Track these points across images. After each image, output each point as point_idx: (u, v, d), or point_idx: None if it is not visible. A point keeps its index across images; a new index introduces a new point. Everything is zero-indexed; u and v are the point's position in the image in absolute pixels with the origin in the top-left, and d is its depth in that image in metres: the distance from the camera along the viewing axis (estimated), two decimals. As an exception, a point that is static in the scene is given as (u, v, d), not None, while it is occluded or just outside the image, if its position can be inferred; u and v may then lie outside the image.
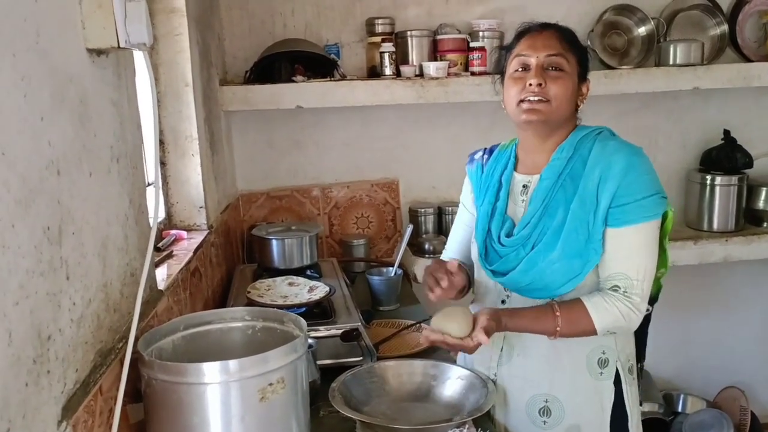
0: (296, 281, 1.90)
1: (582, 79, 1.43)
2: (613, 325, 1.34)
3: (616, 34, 2.72)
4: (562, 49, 1.38)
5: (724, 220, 2.79)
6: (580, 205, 1.36)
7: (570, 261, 1.36)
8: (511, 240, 1.43)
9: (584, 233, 1.35)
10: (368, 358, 1.64)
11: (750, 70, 2.61)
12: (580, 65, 1.42)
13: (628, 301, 1.33)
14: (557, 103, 1.36)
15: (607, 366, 1.43)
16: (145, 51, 1.10)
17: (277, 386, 1.05)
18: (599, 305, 1.33)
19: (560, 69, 1.37)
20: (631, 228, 1.33)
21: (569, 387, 1.43)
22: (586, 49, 1.47)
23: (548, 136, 1.43)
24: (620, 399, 1.44)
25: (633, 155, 1.36)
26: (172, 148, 1.94)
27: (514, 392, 1.48)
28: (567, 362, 1.42)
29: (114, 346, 1.05)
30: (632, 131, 2.55)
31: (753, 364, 3.18)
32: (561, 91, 1.36)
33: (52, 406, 0.82)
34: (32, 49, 0.83)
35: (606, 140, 1.40)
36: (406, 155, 2.78)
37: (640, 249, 1.34)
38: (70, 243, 0.90)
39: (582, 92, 1.44)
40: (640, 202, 1.32)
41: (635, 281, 1.34)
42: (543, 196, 1.40)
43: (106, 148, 1.08)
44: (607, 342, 1.42)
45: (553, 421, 1.45)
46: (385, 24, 2.57)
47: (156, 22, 1.85)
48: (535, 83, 1.36)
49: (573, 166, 1.39)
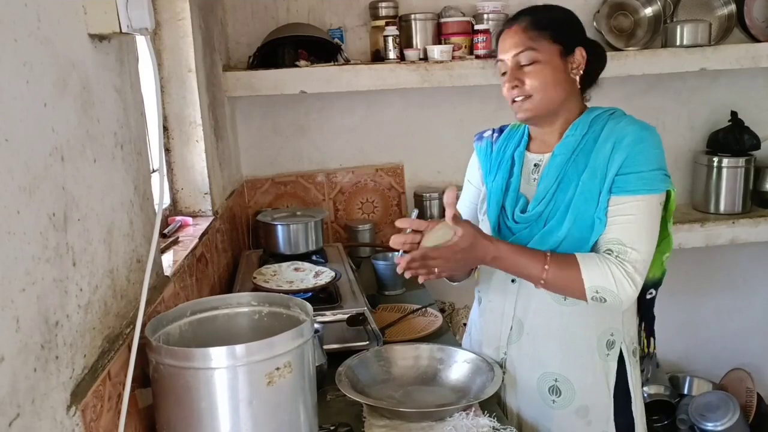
0: (302, 266, 1.90)
1: (569, 51, 1.39)
2: (602, 285, 1.30)
3: (623, 15, 2.69)
4: (529, 39, 1.37)
5: (731, 202, 2.77)
6: (590, 177, 1.36)
7: (581, 232, 1.36)
8: (524, 216, 1.44)
9: (593, 203, 1.35)
10: (374, 342, 1.65)
11: (758, 51, 2.58)
12: (559, 41, 1.38)
13: (621, 266, 1.31)
14: (540, 95, 1.37)
15: (614, 347, 1.44)
16: (147, 36, 1.09)
17: (284, 370, 1.05)
18: (591, 263, 1.32)
19: (533, 61, 1.37)
20: (630, 197, 1.32)
21: (580, 368, 1.44)
22: (567, 20, 1.42)
23: (552, 121, 1.43)
24: (624, 380, 1.45)
25: (644, 130, 1.36)
26: (176, 134, 1.94)
27: (523, 371, 1.48)
28: (579, 343, 1.43)
29: (122, 331, 1.05)
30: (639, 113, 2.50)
31: (759, 346, 3.18)
32: (538, 82, 1.37)
33: (61, 391, 0.83)
34: (34, 34, 0.82)
35: (619, 118, 1.40)
36: (411, 140, 2.78)
37: (638, 220, 1.33)
38: (75, 229, 0.90)
39: (573, 64, 1.39)
40: (643, 173, 1.32)
41: (629, 249, 1.31)
42: (557, 172, 1.40)
43: (109, 134, 1.08)
44: (615, 324, 1.42)
45: (563, 401, 1.45)
46: (388, 7, 2.55)
47: (158, 8, 1.84)
48: (510, 87, 1.39)
49: (586, 143, 1.39)
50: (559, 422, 1.46)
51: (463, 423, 1.31)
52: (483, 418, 1.33)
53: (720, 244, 2.73)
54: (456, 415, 1.34)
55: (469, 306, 1.97)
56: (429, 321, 1.92)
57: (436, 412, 1.35)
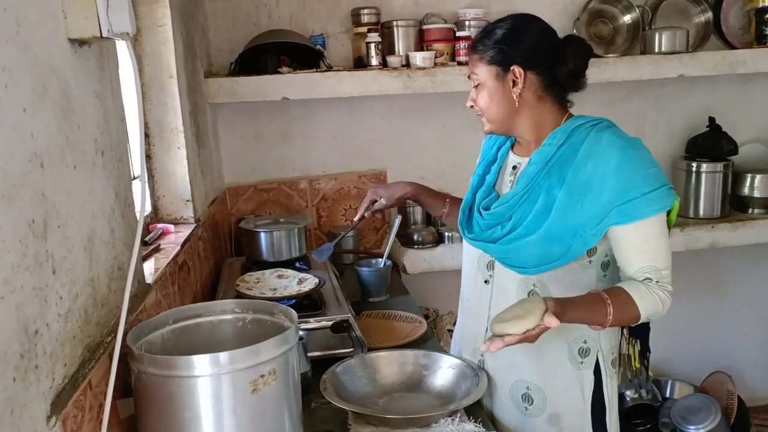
0: (285, 273, 1.89)
1: (506, 71, 1.38)
2: (653, 311, 1.34)
3: (602, 22, 2.72)
4: (472, 64, 1.44)
5: (710, 206, 2.81)
6: (567, 195, 1.35)
7: (548, 246, 1.36)
8: (487, 213, 1.45)
9: (570, 223, 1.34)
10: (359, 349, 1.64)
11: (735, 57, 2.63)
12: (494, 63, 1.39)
13: (663, 289, 1.34)
14: (488, 114, 1.44)
15: (588, 355, 1.44)
16: (128, 41, 1.08)
17: (268, 378, 1.04)
18: (642, 293, 1.33)
19: (477, 83, 1.44)
20: (643, 222, 1.32)
21: (550, 376, 1.44)
22: (507, 40, 1.39)
23: (522, 132, 1.44)
24: (599, 390, 1.45)
25: (629, 148, 1.34)
26: (157, 141, 1.92)
27: (498, 377, 1.49)
28: (548, 351, 1.43)
29: (102, 340, 1.04)
30: (619, 119, 2.52)
31: (740, 349, 3.22)
32: (482, 101, 1.43)
33: (41, 401, 0.81)
34: (12, 39, 0.81)
35: (601, 131, 1.36)
36: (394, 146, 2.78)
37: (657, 239, 1.34)
38: (55, 237, 0.89)
39: (514, 83, 1.38)
40: (648, 195, 1.31)
41: (663, 271, 1.35)
42: (528, 180, 1.40)
43: (90, 140, 1.06)
44: (589, 332, 1.42)
45: (535, 410, 1.46)
46: (370, 14, 2.56)
47: (139, 13, 1.83)
48: (468, 106, 1.47)
49: (563, 154, 1.38)
50: (532, 429, 1.46)
51: (449, 429, 1.31)
52: (468, 423, 1.33)
53: (700, 248, 2.76)
54: (441, 421, 1.34)
55: (454, 312, 1.97)
56: (413, 327, 1.92)
57: (421, 418, 1.35)
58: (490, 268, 1.48)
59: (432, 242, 2.59)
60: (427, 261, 2.55)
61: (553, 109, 1.43)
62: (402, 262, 2.52)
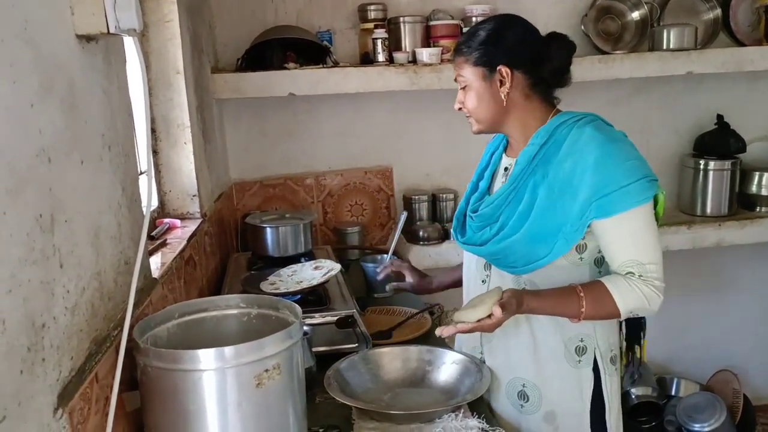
0: (321, 264, 1.86)
1: (492, 71, 1.39)
2: (636, 306, 1.33)
3: (610, 18, 2.71)
4: (458, 66, 1.45)
5: (718, 204, 2.80)
6: (548, 193, 1.35)
7: (533, 245, 1.36)
8: (476, 215, 1.47)
9: (552, 221, 1.34)
10: (363, 344, 1.65)
11: (743, 55, 2.61)
12: (479, 64, 1.39)
13: (648, 284, 1.33)
14: (475, 115, 1.45)
15: (585, 353, 1.43)
16: (135, 37, 1.09)
17: (273, 372, 1.05)
18: (621, 287, 1.32)
19: (464, 85, 1.44)
20: (624, 215, 1.31)
21: (546, 374, 1.44)
22: (491, 40, 1.39)
23: (510, 131, 1.46)
24: (599, 388, 1.45)
25: (608, 143, 1.33)
26: (164, 136, 1.93)
27: (496, 373, 1.49)
28: (544, 349, 1.43)
29: (109, 334, 1.04)
30: (625, 117, 2.55)
31: (745, 348, 3.21)
32: (470, 103, 1.44)
33: (48, 394, 0.82)
34: (20, 35, 0.82)
35: (583, 127, 1.36)
36: (399, 142, 2.78)
37: (641, 233, 1.33)
38: (62, 231, 0.90)
39: (501, 82, 1.39)
40: (626, 188, 1.30)
41: (648, 265, 1.33)
42: (512, 180, 1.42)
43: (97, 136, 1.07)
44: (585, 330, 1.42)
45: (531, 407, 1.46)
46: (377, 10, 2.56)
47: (146, 9, 1.83)
48: (456, 109, 1.48)
49: (546, 152, 1.38)
50: (527, 427, 1.47)
51: (452, 424, 1.32)
52: (472, 419, 1.34)
53: (706, 247, 2.75)
54: (445, 417, 1.34)
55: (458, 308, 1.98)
56: (418, 323, 1.92)
57: (425, 413, 1.35)
58: (486, 268, 1.49)
59: (437, 239, 2.59)
60: (432, 257, 2.55)
61: (540, 107, 1.44)
62: (407, 258, 2.52)
